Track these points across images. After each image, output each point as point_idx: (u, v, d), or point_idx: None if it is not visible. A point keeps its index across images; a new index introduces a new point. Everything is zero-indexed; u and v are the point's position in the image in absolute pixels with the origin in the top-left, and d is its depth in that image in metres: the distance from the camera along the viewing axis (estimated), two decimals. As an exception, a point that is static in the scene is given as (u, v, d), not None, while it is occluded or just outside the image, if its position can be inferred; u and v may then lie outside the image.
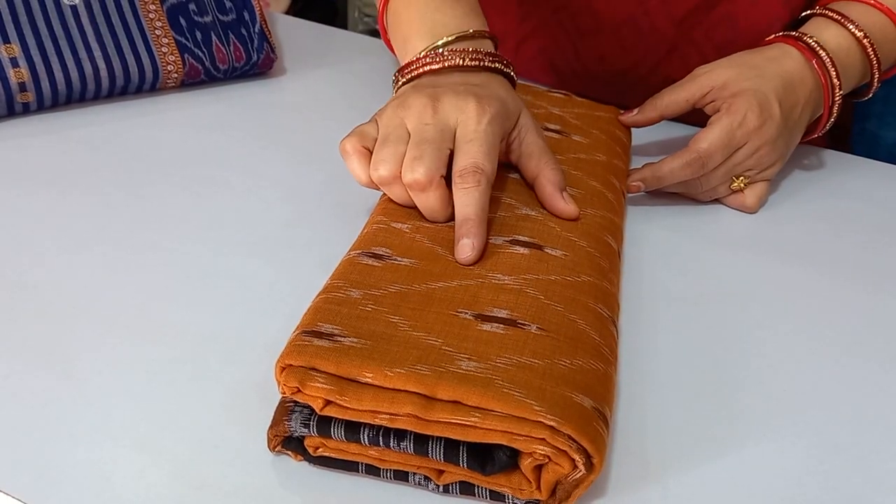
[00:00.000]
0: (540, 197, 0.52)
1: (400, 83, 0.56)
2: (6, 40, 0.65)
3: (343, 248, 0.49)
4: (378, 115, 0.53)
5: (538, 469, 0.38)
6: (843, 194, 0.67)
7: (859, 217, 0.65)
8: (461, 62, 0.54)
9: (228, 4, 0.74)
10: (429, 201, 0.49)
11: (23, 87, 0.65)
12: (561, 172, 0.53)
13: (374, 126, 0.52)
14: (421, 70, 0.55)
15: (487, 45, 0.57)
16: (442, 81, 0.53)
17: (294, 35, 0.84)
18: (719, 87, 0.62)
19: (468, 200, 0.48)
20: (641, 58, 0.74)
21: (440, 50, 0.55)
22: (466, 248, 0.47)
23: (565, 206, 0.51)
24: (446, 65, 0.54)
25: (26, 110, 0.67)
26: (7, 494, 0.39)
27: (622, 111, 0.66)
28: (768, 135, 0.60)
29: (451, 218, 0.49)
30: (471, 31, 0.56)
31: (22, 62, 0.65)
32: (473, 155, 0.49)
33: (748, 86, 0.61)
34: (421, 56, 0.55)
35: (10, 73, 0.64)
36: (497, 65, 0.55)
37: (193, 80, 0.72)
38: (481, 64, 0.55)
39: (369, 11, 1.95)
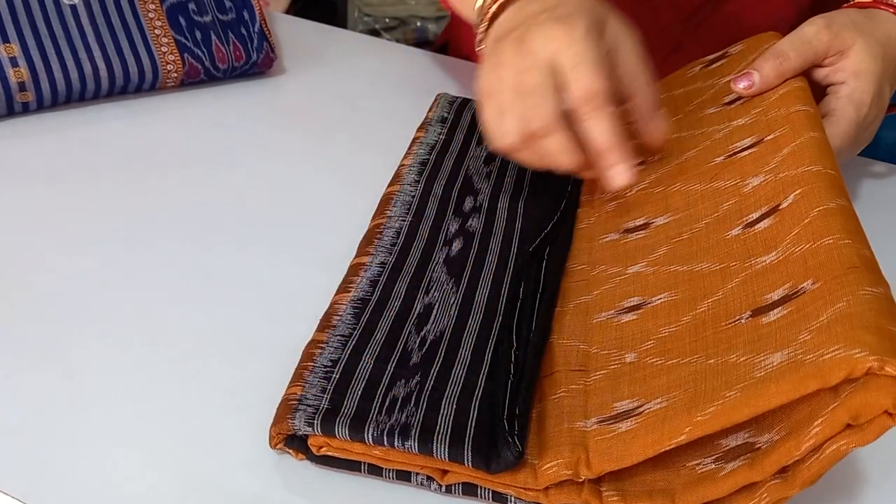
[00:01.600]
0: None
1: (480, 37, 0.55)
2: (6, 40, 0.64)
3: (344, 248, 0.49)
4: (478, 85, 0.51)
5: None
6: (843, 194, 0.67)
7: (859, 217, 0.64)
8: None
9: (228, 4, 0.74)
10: (555, 145, 0.48)
11: (22, 87, 0.65)
12: (652, 91, 0.52)
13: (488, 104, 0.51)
14: (493, 9, 0.53)
15: None
16: (519, 20, 0.51)
17: (294, 35, 0.84)
18: (845, 52, 0.55)
19: (596, 128, 0.47)
20: (645, 55, 0.74)
21: None
22: (621, 173, 0.47)
23: (655, 128, 0.51)
24: None
25: (26, 110, 0.67)
26: (7, 494, 0.39)
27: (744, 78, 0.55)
28: (873, 128, 0.57)
29: (582, 162, 0.48)
30: None
31: (21, 62, 0.65)
32: (581, 79, 0.47)
33: (871, 68, 0.55)
34: None
35: (10, 72, 0.64)
36: None
37: (193, 79, 0.72)
38: None
39: (369, 11, 1.95)
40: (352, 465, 0.40)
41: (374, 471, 0.40)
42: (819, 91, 0.57)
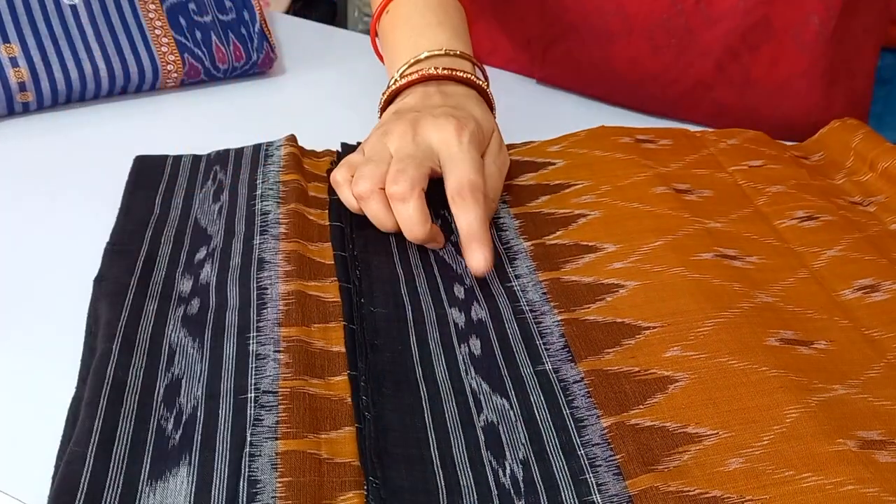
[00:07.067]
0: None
1: (382, 106, 0.59)
2: (6, 40, 0.65)
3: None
4: (363, 143, 0.55)
5: None
6: (843, 194, 0.67)
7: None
8: (435, 72, 0.56)
9: (228, 4, 0.74)
10: (407, 212, 0.49)
11: (23, 87, 0.65)
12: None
13: (360, 154, 0.54)
14: (400, 84, 0.58)
15: (466, 66, 0.59)
16: (421, 105, 0.55)
17: (294, 35, 0.84)
18: None
19: (470, 217, 0.49)
20: (673, 61, 0.72)
21: (418, 64, 0.58)
22: (480, 261, 0.48)
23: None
24: (420, 74, 0.57)
25: (26, 110, 0.67)
26: (7, 494, 0.39)
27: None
28: None
29: (428, 235, 0.50)
30: (449, 50, 0.58)
31: (22, 62, 0.65)
32: (464, 172, 0.50)
33: None
34: (400, 73, 0.58)
35: (10, 72, 0.64)
36: (470, 77, 0.57)
37: (193, 79, 0.72)
38: (454, 75, 0.57)
39: (369, 11, 1.95)
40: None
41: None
42: None
